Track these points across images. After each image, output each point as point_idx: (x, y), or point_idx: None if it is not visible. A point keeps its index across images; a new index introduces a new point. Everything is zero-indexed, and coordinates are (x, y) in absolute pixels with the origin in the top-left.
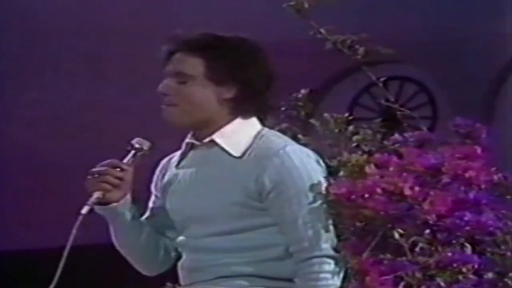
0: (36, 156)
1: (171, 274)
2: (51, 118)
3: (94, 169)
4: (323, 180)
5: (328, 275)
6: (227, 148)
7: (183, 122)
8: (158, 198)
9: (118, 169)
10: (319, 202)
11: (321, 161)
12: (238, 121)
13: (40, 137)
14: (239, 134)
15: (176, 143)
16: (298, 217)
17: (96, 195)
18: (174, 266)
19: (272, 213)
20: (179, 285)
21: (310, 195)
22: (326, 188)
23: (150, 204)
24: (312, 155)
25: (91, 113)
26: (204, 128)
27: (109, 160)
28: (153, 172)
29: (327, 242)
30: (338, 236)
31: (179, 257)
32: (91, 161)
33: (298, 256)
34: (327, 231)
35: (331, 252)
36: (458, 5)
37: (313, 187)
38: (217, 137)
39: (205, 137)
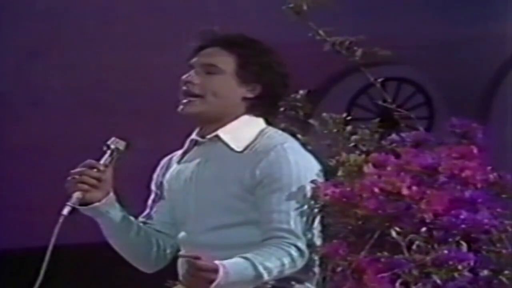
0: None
1: (172, 272)
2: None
3: (72, 171)
4: (315, 180)
5: (287, 257)
6: (230, 143)
7: (202, 113)
8: (157, 196)
9: (95, 170)
10: (305, 202)
11: (318, 164)
12: (245, 118)
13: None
14: (244, 130)
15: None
16: (274, 211)
17: (76, 195)
18: (174, 264)
19: (257, 204)
20: (180, 282)
21: (295, 194)
22: (314, 189)
23: (150, 202)
24: (310, 156)
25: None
26: (216, 122)
27: (86, 161)
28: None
29: (299, 239)
30: (336, 235)
31: (175, 254)
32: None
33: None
34: (307, 231)
35: (302, 246)
36: (455, 6)
37: (301, 187)
38: (221, 132)
39: (210, 133)
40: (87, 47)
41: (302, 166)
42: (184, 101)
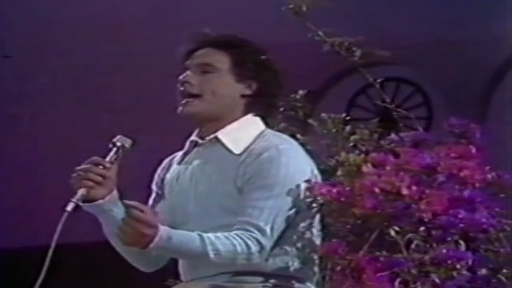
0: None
1: (172, 271)
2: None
3: (77, 167)
4: (301, 184)
5: (243, 247)
6: (228, 145)
7: (202, 113)
8: (158, 195)
9: (101, 167)
10: (296, 203)
11: (315, 170)
12: (244, 119)
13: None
14: (243, 132)
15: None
16: (249, 206)
17: (80, 192)
18: (175, 263)
19: (240, 199)
20: (180, 281)
21: (278, 195)
22: (308, 189)
23: (150, 202)
24: (306, 160)
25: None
26: (215, 122)
27: (91, 158)
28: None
29: (264, 236)
30: (335, 234)
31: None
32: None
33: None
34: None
35: (264, 242)
36: (453, 7)
37: (289, 190)
38: (220, 134)
39: (209, 135)
40: (93, 45)
41: (293, 169)
42: (183, 102)
